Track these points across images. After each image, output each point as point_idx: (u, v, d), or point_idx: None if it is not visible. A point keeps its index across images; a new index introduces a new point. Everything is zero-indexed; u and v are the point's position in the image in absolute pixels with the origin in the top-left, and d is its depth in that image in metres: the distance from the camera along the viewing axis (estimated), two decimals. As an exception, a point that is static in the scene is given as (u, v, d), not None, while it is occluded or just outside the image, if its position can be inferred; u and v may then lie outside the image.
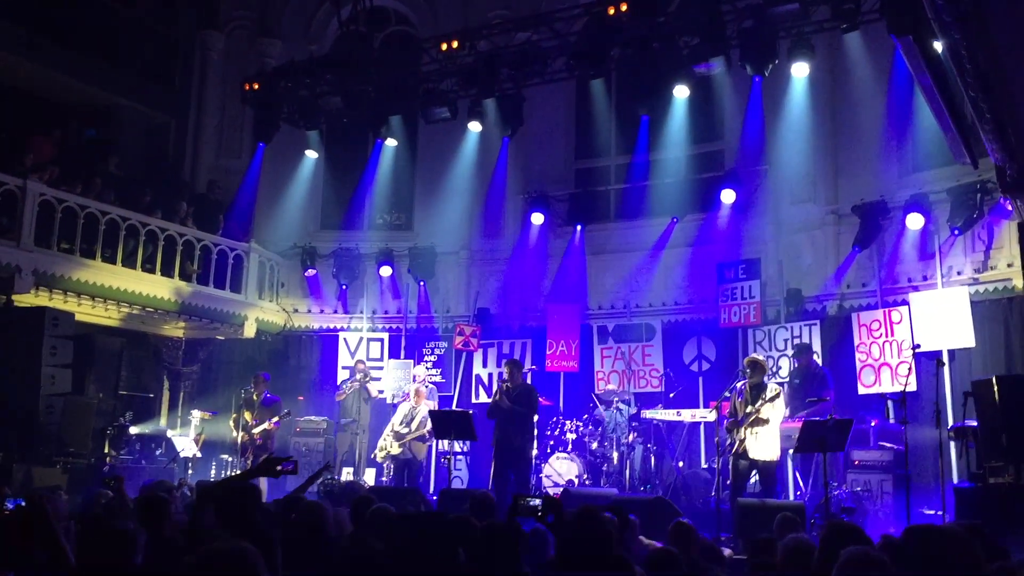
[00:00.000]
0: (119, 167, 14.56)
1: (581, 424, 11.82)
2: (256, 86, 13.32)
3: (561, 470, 11.42)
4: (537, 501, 3.93)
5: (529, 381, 11.53)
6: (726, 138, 13.75)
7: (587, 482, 11.22)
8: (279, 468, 4.83)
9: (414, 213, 15.72)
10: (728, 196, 12.47)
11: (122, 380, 13.80)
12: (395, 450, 11.75)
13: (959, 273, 11.19)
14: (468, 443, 12.49)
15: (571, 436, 11.67)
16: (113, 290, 12.72)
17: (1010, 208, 9.77)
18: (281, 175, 14.88)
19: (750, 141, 12.69)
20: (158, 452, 13.00)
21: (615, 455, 11.41)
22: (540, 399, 11.79)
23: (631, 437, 11.50)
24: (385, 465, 12.22)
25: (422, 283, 14.58)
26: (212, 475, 12.81)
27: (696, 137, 13.49)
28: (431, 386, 13.02)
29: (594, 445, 11.58)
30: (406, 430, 11.76)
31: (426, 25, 15.29)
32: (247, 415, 12.01)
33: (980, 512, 7.52)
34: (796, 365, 11.12)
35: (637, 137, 13.51)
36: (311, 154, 14.37)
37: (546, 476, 11.39)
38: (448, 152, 14.47)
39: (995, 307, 10.75)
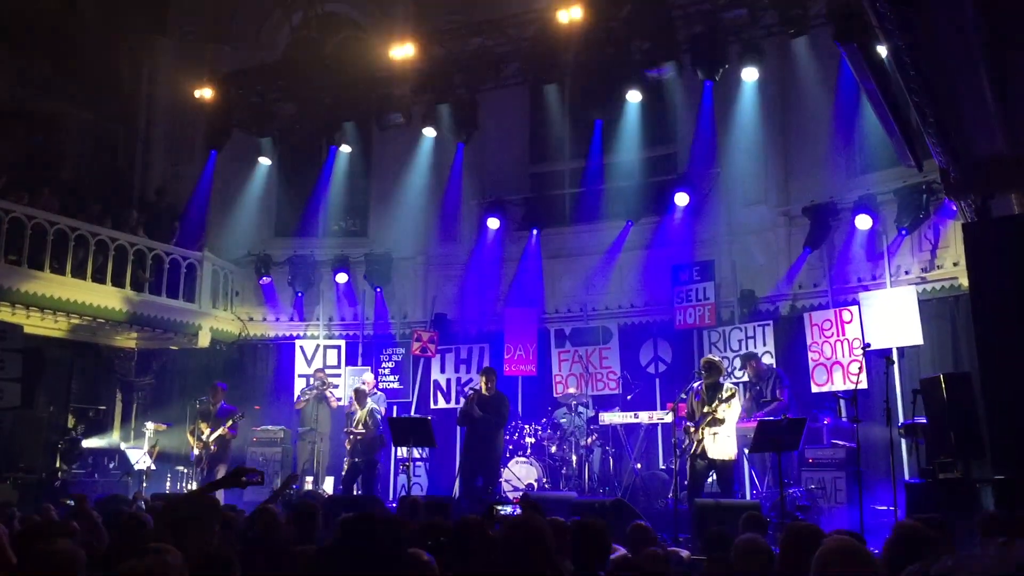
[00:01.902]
0: (67, 176, 14.30)
1: (540, 428, 11.84)
2: (207, 93, 13.17)
3: (520, 474, 11.43)
4: (510, 509, 3.85)
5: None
6: (679, 142, 13.88)
7: (546, 486, 11.24)
8: (244, 479, 4.76)
9: (369, 219, 15.63)
10: (681, 199, 12.58)
11: (73, 393, 13.59)
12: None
13: (907, 272, 11.41)
14: (427, 450, 12.44)
15: (530, 440, 11.69)
16: (63, 301, 12.47)
17: (955, 208, 9.98)
18: (234, 182, 14.69)
19: (702, 145, 12.82)
20: (111, 465, 12.80)
21: (574, 458, 11.44)
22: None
23: (589, 440, 11.54)
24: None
25: (378, 289, 14.48)
26: (167, 488, 12.63)
27: (649, 141, 13.61)
28: (377, 391, 12.94)
29: (553, 448, 11.60)
30: (353, 431, 11.92)
31: (379, 31, 15.18)
32: (203, 426, 11.88)
33: (930, 507, 7.67)
34: (746, 373, 11.25)
35: (591, 141, 13.61)
36: (264, 161, 14.26)
37: (505, 480, 11.38)
38: (403, 158, 14.42)
39: (942, 305, 10.97)
